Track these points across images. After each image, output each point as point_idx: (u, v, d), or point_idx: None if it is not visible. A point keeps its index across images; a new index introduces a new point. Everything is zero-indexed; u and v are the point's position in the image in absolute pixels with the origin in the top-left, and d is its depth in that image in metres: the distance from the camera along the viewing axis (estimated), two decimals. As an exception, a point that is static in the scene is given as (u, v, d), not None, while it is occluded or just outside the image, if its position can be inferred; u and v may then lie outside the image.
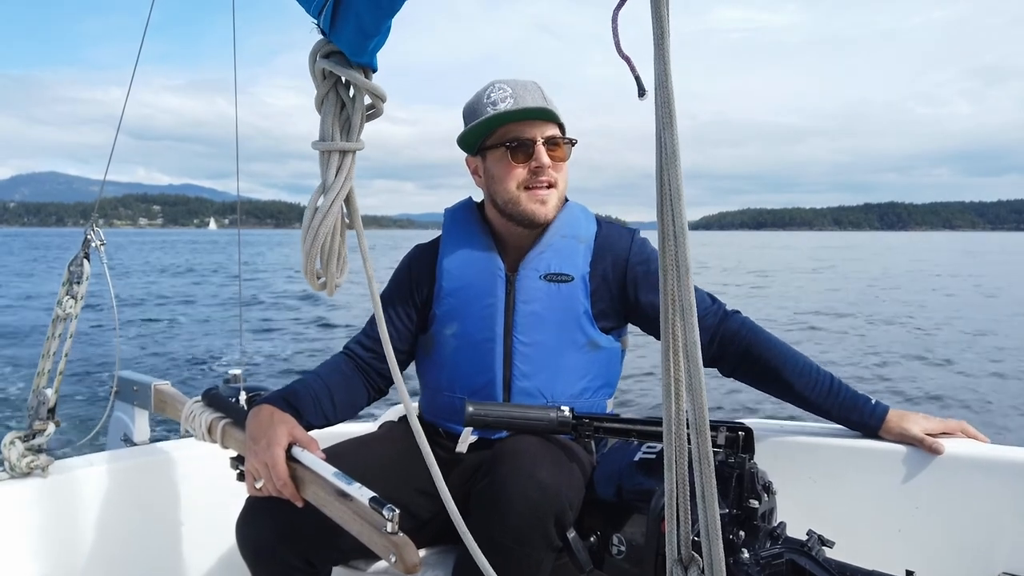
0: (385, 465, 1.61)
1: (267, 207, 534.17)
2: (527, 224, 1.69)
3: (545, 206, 1.67)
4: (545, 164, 1.65)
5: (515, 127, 1.66)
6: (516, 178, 1.66)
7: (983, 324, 15.55)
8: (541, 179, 1.66)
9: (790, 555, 1.17)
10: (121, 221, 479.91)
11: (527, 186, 1.66)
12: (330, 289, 1.07)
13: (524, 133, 1.65)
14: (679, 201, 0.59)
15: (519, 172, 1.66)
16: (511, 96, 1.65)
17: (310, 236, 1.00)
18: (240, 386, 2.17)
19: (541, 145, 1.65)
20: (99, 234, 1.84)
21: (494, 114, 1.64)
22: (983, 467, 1.55)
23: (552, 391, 1.66)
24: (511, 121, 1.66)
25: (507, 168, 1.67)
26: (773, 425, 1.83)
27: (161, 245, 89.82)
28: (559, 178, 1.70)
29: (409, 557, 1.12)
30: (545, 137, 1.66)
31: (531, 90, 1.68)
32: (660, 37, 0.56)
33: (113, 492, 1.85)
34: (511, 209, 1.69)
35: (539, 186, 1.66)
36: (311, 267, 1.03)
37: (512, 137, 1.66)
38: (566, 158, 1.71)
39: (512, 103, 1.64)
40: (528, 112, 1.64)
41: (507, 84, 1.68)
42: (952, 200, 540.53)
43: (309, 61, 0.99)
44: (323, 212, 0.99)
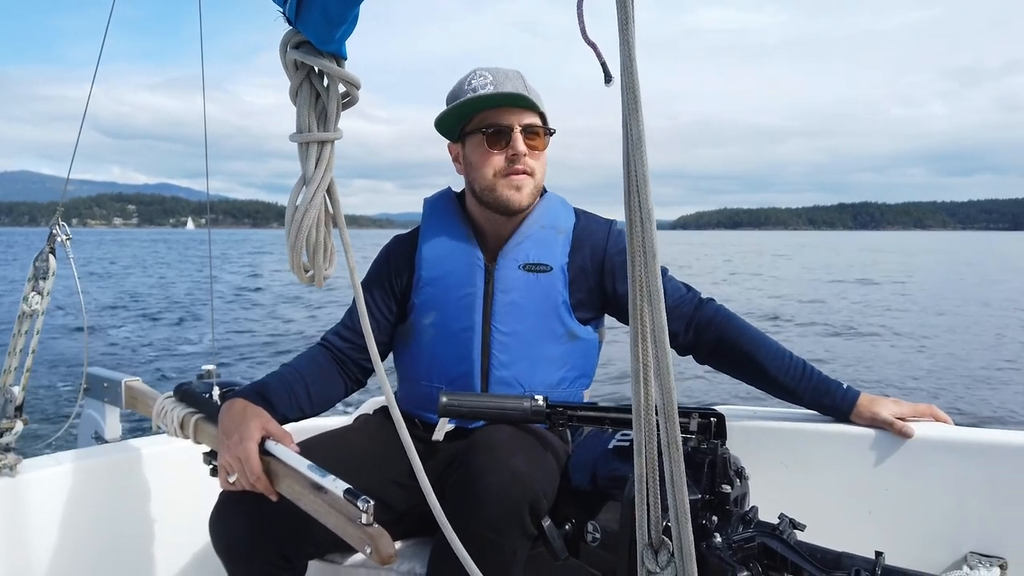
0: (360, 457, 1.61)
1: (244, 206, 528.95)
2: (503, 211, 1.68)
3: (520, 192, 1.67)
4: (521, 151, 1.64)
5: (493, 113, 1.65)
6: (493, 165, 1.66)
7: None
8: (517, 167, 1.65)
9: (762, 539, 1.18)
10: (95, 221, 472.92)
11: (504, 173, 1.66)
12: (318, 281, 1.06)
13: (502, 120, 1.65)
14: (645, 187, 0.59)
15: (496, 159, 1.66)
16: (491, 83, 1.65)
17: (294, 229, 0.99)
18: (213, 381, 2.14)
19: (519, 132, 1.65)
20: (65, 229, 1.81)
21: (471, 97, 1.63)
22: (951, 450, 1.58)
23: (530, 381, 1.67)
24: (489, 107, 1.65)
25: (484, 155, 1.66)
26: (745, 411, 1.85)
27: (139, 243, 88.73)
28: (536, 167, 1.69)
29: (384, 548, 1.12)
30: (523, 125, 1.65)
31: (512, 78, 1.67)
32: (624, 23, 0.56)
33: (84, 490, 1.82)
34: (487, 196, 1.68)
35: (515, 172, 1.66)
36: (297, 260, 1.02)
37: (490, 123, 1.65)
38: (544, 148, 1.71)
39: (492, 89, 1.63)
40: (506, 97, 1.63)
41: (488, 71, 1.68)
42: (925, 200, 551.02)
43: (280, 52, 0.99)
44: (305, 204, 0.98)
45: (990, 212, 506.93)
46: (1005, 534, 1.52)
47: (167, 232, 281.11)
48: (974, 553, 1.54)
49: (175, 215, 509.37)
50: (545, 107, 1.71)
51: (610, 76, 0.66)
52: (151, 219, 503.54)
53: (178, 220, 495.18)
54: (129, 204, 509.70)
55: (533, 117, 1.68)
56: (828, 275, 27.78)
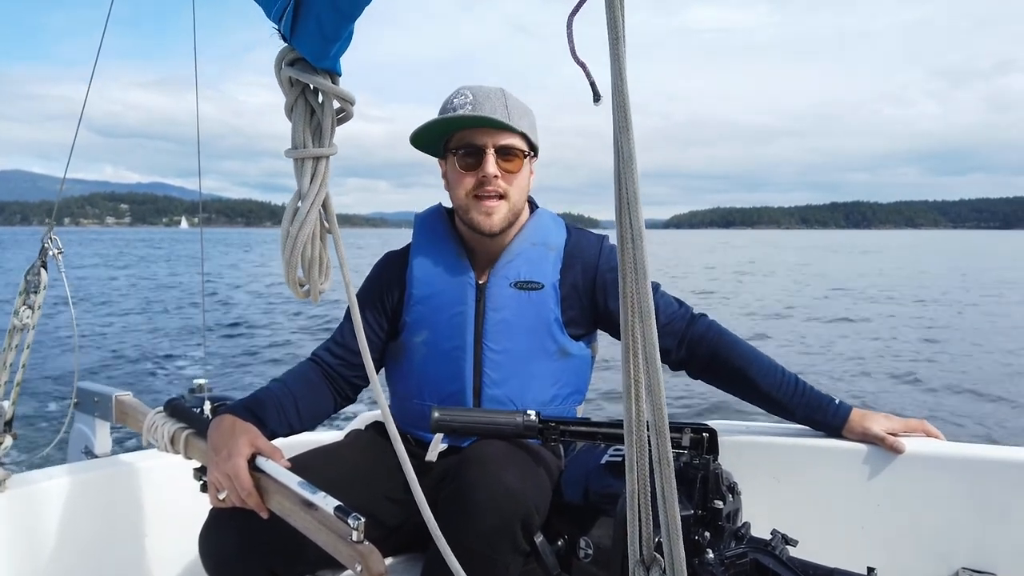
0: (352, 474, 1.60)
1: (237, 206, 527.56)
2: (478, 232, 1.68)
3: (490, 218, 1.65)
4: (490, 174, 1.63)
5: (469, 133, 1.65)
6: (465, 186, 1.66)
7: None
8: (487, 188, 1.64)
9: (754, 555, 1.18)
10: (88, 220, 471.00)
11: (474, 195, 1.66)
12: (314, 296, 1.06)
13: (475, 140, 1.64)
14: (636, 204, 0.59)
15: (468, 180, 1.66)
16: (471, 103, 1.64)
17: (289, 244, 0.99)
18: (205, 396, 2.14)
19: (491, 155, 1.63)
20: (57, 242, 1.81)
21: (441, 117, 1.64)
22: (943, 465, 1.58)
23: (522, 399, 1.66)
24: (466, 127, 1.65)
25: (458, 175, 1.67)
26: (737, 426, 1.85)
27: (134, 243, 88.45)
28: (511, 189, 1.67)
29: (375, 566, 1.11)
30: (497, 146, 1.64)
31: (492, 98, 1.66)
32: (615, 42, 0.57)
33: (74, 505, 1.81)
34: (463, 216, 1.69)
35: (487, 196, 1.65)
36: (293, 275, 1.02)
37: (463, 143, 1.65)
38: (518, 170, 1.68)
39: (470, 109, 1.63)
40: (476, 120, 1.62)
41: (471, 90, 1.67)
42: (917, 199, 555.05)
43: (275, 69, 0.99)
44: (300, 219, 0.98)
45: (981, 211, 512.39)
46: (997, 550, 1.53)
47: (159, 231, 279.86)
48: (966, 569, 1.54)
49: (168, 214, 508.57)
50: (529, 126, 1.69)
51: (599, 95, 0.66)
52: (144, 218, 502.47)
53: (171, 219, 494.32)
54: (122, 203, 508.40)
55: (511, 138, 1.66)
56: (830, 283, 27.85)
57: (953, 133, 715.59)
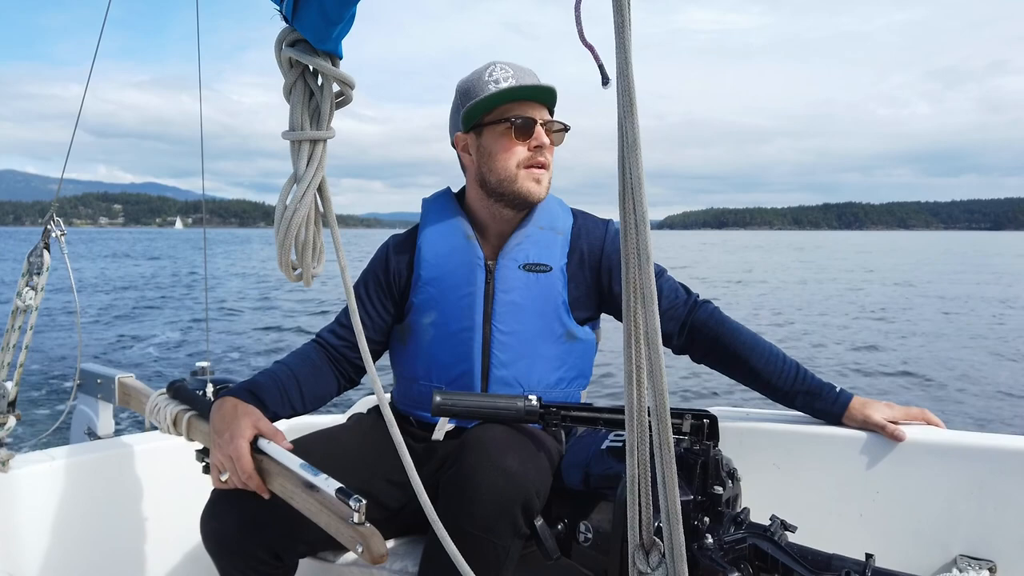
0: (353, 456, 1.61)
1: (231, 206, 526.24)
2: (519, 204, 1.69)
3: (539, 185, 1.69)
4: (545, 143, 1.67)
5: (517, 106, 1.67)
6: (517, 156, 1.67)
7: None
8: (539, 159, 1.67)
9: (753, 540, 1.19)
10: (81, 220, 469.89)
11: (526, 164, 1.67)
12: (307, 280, 1.06)
13: (527, 112, 1.67)
14: (640, 190, 0.59)
15: (520, 150, 1.67)
16: (513, 77, 1.66)
17: (283, 227, 0.99)
18: (208, 378, 2.14)
19: (541, 126, 1.67)
20: (59, 224, 1.81)
21: (506, 87, 1.64)
22: (941, 453, 1.58)
23: (529, 381, 1.67)
24: (513, 100, 1.66)
25: (508, 144, 1.67)
26: (738, 412, 1.86)
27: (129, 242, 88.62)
28: (551, 163, 1.72)
29: (376, 547, 1.12)
30: (544, 120, 1.68)
31: (530, 74, 1.70)
32: (621, 27, 0.57)
33: (76, 486, 1.82)
34: (506, 187, 1.68)
35: (536, 165, 1.68)
36: (286, 258, 1.02)
37: (516, 114, 1.66)
38: (560, 143, 1.74)
39: (515, 82, 1.65)
40: (536, 90, 1.66)
41: (509, 66, 1.69)
42: (909, 200, 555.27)
43: (275, 49, 0.99)
44: (295, 202, 0.98)
45: (972, 212, 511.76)
46: (995, 537, 1.53)
47: (155, 232, 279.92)
48: (964, 556, 1.55)
49: (162, 214, 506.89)
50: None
51: (607, 78, 0.66)
52: (137, 219, 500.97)
53: (164, 219, 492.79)
54: (115, 204, 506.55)
55: (549, 113, 1.71)
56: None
57: (946, 134, 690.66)
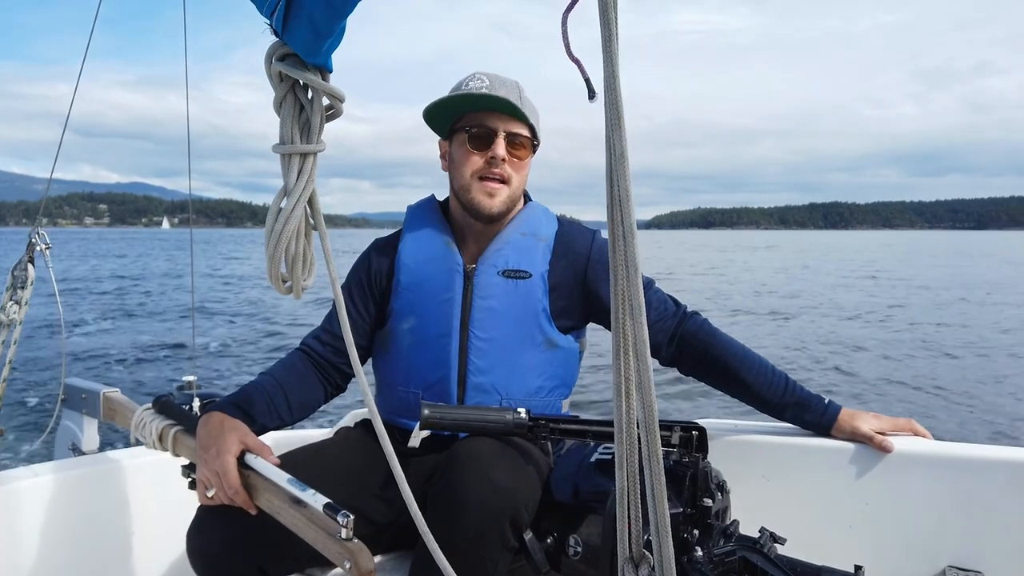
0: (341, 471, 1.60)
1: (218, 206, 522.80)
2: (475, 215, 1.70)
3: (492, 199, 1.67)
4: (499, 155, 1.66)
5: (481, 115, 1.67)
6: (472, 165, 1.68)
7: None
8: (494, 171, 1.66)
9: (742, 552, 1.19)
10: (66, 220, 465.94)
11: (480, 176, 1.67)
12: (297, 293, 1.06)
13: (488, 122, 1.66)
14: (628, 201, 0.59)
15: (475, 160, 1.67)
16: (487, 87, 1.66)
17: (273, 240, 0.99)
18: (194, 393, 2.13)
19: (501, 137, 1.66)
20: (44, 237, 1.80)
21: (459, 93, 1.66)
22: (930, 464, 1.59)
23: (507, 388, 1.66)
24: (479, 109, 1.67)
25: (465, 154, 1.68)
26: (727, 424, 1.86)
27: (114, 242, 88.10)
28: (514, 176, 1.70)
29: (364, 563, 1.11)
30: (508, 131, 1.67)
31: (508, 86, 1.69)
32: (608, 40, 0.57)
33: (60, 503, 1.79)
34: (463, 196, 1.70)
35: (491, 178, 1.67)
36: (276, 271, 1.02)
37: (476, 123, 1.67)
38: (525, 158, 1.72)
39: (487, 92, 1.65)
40: (492, 101, 1.65)
41: (487, 76, 1.70)
42: (894, 200, 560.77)
43: (265, 64, 0.99)
44: (286, 215, 0.98)
45: (956, 212, 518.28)
46: (983, 548, 1.54)
47: (142, 232, 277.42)
48: (952, 567, 1.55)
49: (147, 214, 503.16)
50: (537, 122, 1.72)
51: (594, 92, 0.66)
52: (123, 219, 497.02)
53: (151, 219, 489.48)
54: (100, 204, 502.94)
55: (521, 127, 1.69)
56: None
57: (931, 134, 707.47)
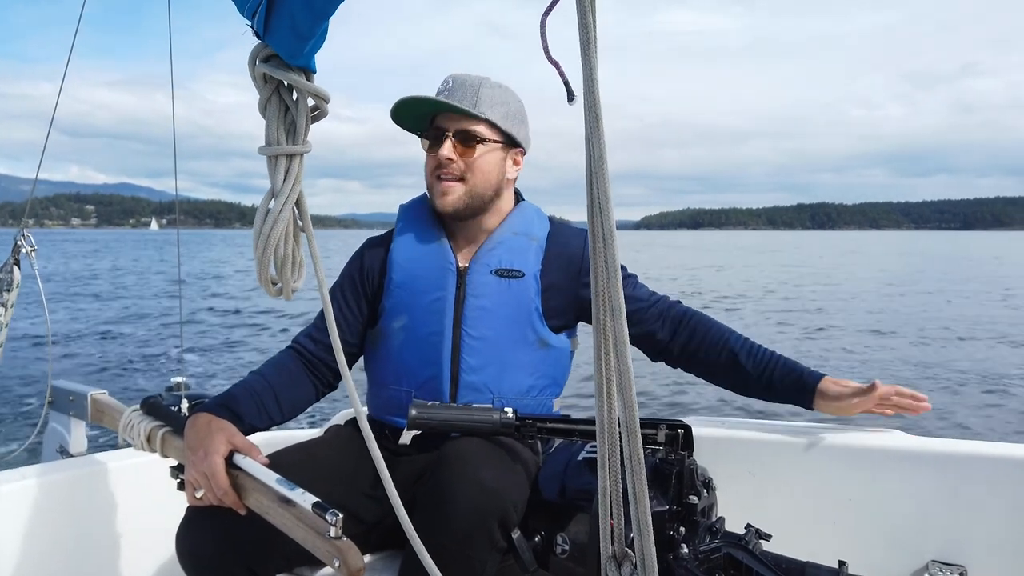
0: (330, 470, 1.60)
1: (206, 207, 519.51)
2: (437, 211, 1.74)
3: (444, 198, 1.69)
4: (442, 156, 1.67)
5: (439, 117, 1.70)
6: (428, 166, 1.72)
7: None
8: (443, 171, 1.69)
9: (727, 549, 1.20)
10: (52, 222, 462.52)
11: (434, 176, 1.71)
12: (287, 294, 1.06)
13: (440, 124, 1.70)
14: (607, 204, 0.60)
15: (430, 161, 1.72)
16: (449, 89, 1.68)
17: (261, 242, 0.99)
18: (182, 394, 2.12)
19: (449, 138, 1.68)
20: (30, 239, 1.79)
21: (405, 98, 1.68)
22: (913, 460, 1.61)
23: (499, 387, 1.67)
24: (440, 111, 1.69)
25: (425, 156, 1.73)
26: (713, 422, 1.87)
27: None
28: (469, 174, 1.69)
29: (353, 562, 1.12)
30: (456, 130, 1.68)
31: (467, 85, 1.69)
32: (586, 43, 0.58)
33: (48, 505, 1.79)
34: (429, 195, 1.75)
35: (444, 177, 1.69)
36: (265, 274, 1.02)
37: (432, 126, 1.71)
38: (474, 155, 1.69)
39: (446, 95, 1.67)
40: (434, 104, 1.67)
41: (453, 78, 1.70)
42: (882, 200, 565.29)
43: (248, 65, 0.99)
44: (273, 217, 0.98)
45: (943, 212, 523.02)
46: (965, 543, 1.55)
47: (130, 233, 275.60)
48: (935, 562, 1.57)
49: (135, 215, 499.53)
50: (501, 116, 1.70)
51: (573, 95, 0.67)
52: (110, 219, 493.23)
53: (138, 220, 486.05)
54: (87, 204, 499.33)
55: (473, 124, 1.68)
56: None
57: (918, 135, 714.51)
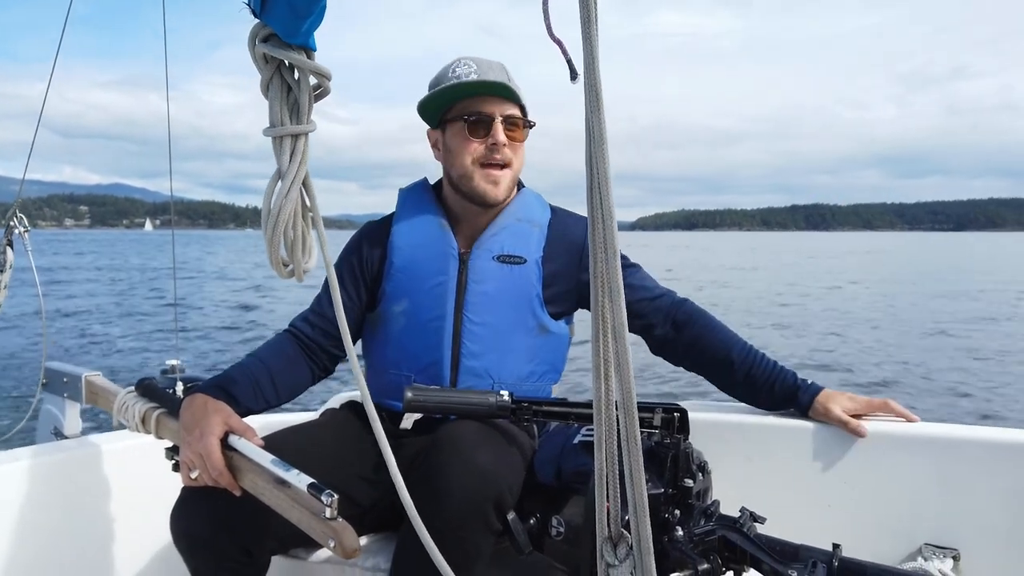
0: (326, 452, 1.60)
1: (200, 207, 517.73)
2: (478, 202, 1.69)
3: (497, 187, 1.67)
4: (500, 141, 1.65)
5: (475, 102, 1.66)
6: (472, 153, 1.66)
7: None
8: (496, 157, 1.66)
9: (722, 532, 1.20)
10: (45, 222, 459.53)
11: (482, 163, 1.67)
12: (299, 275, 1.06)
13: (484, 108, 1.65)
14: (606, 184, 0.60)
15: (475, 147, 1.66)
16: (475, 72, 1.65)
17: (271, 224, 0.98)
18: (177, 376, 2.12)
19: (499, 122, 1.65)
20: (23, 221, 1.78)
21: (455, 83, 1.64)
22: (907, 444, 1.62)
23: (499, 372, 1.67)
24: (472, 95, 1.66)
25: (464, 142, 1.67)
26: (709, 405, 1.88)
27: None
28: (515, 159, 1.70)
29: (348, 542, 1.12)
30: (504, 115, 1.66)
31: (495, 68, 1.68)
32: (587, 22, 0.57)
33: (42, 487, 1.79)
34: (464, 185, 1.69)
35: (493, 164, 1.66)
36: (276, 256, 1.02)
37: (472, 111, 1.66)
38: (523, 139, 1.72)
39: (476, 78, 1.64)
40: (489, 86, 1.64)
41: (473, 60, 1.68)
42: (875, 202, 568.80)
43: (248, 45, 0.98)
44: (281, 199, 0.98)
45: (936, 213, 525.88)
46: (958, 526, 1.57)
47: (127, 233, 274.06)
48: (928, 545, 1.58)
49: (129, 216, 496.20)
50: (525, 100, 1.71)
51: (576, 73, 0.66)
52: (104, 220, 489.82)
53: (132, 221, 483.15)
54: (81, 205, 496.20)
55: (514, 108, 1.69)
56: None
57: (911, 137, 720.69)
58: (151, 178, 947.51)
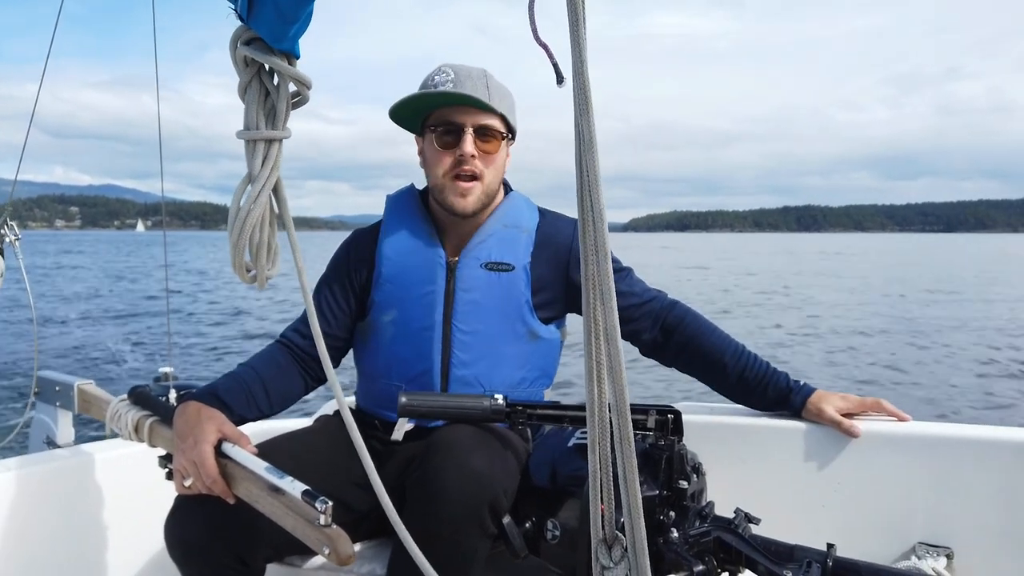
0: (320, 459, 1.59)
1: (192, 208, 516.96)
2: (451, 213, 1.68)
3: (464, 199, 1.64)
4: (467, 153, 1.62)
5: (448, 111, 1.64)
6: (442, 165, 1.64)
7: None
8: (464, 168, 1.63)
9: (717, 533, 1.20)
10: (36, 223, 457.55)
11: (451, 175, 1.64)
12: (260, 282, 1.05)
13: (455, 118, 1.63)
14: (597, 186, 0.60)
15: (445, 159, 1.64)
16: (452, 80, 1.62)
17: (236, 227, 0.98)
18: (170, 384, 2.11)
19: (470, 133, 1.62)
20: (13, 228, 1.77)
21: (422, 93, 1.63)
22: (900, 444, 1.62)
23: (490, 380, 1.66)
24: (446, 105, 1.64)
25: (435, 153, 1.65)
26: (703, 407, 1.88)
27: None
28: (487, 171, 1.66)
29: (343, 549, 1.11)
30: (476, 125, 1.63)
31: (474, 77, 1.65)
32: (575, 24, 0.57)
33: (35, 497, 1.78)
34: (437, 196, 1.68)
35: (462, 176, 1.64)
36: (239, 260, 1.01)
37: (442, 121, 1.64)
38: (496, 151, 1.67)
39: (451, 87, 1.61)
40: (454, 97, 1.61)
41: (452, 68, 1.65)
42: (867, 203, 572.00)
43: (230, 48, 0.97)
44: (250, 202, 0.97)
45: (927, 215, 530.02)
46: (951, 525, 1.57)
47: (119, 234, 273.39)
48: (922, 544, 1.58)
49: (120, 217, 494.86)
50: (508, 108, 1.69)
51: (562, 77, 0.66)
52: (95, 221, 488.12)
53: (123, 222, 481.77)
54: (72, 206, 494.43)
55: (490, 118, 1.65)
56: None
57: (903, 138, 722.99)
58: (143, 179, 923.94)
